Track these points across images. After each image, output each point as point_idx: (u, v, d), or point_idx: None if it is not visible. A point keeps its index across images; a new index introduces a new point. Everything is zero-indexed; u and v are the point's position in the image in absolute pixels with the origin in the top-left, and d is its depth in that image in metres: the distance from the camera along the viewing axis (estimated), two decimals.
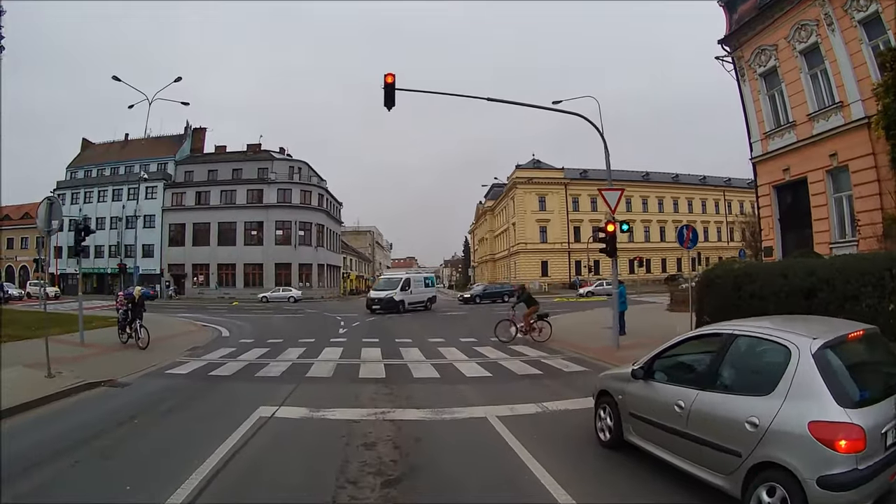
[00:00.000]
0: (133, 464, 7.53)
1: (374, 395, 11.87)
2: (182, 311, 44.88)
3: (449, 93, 21.07)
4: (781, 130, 22.88)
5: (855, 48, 19.25)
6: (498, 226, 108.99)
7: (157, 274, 71.52)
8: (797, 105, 21.91)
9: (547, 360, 16.97)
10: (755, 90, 24.17)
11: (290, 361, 17.02)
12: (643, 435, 7.17)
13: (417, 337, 23.63)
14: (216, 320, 33.95)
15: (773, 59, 22.86)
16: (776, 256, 22.76)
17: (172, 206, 74.24)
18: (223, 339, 24.54)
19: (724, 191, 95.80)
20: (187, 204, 74.14)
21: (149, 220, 73.57)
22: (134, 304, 20.16)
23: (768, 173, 23.84)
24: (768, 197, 24.03)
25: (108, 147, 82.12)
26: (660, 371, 7.17)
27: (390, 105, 19.30)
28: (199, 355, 18.81)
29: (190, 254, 73.44)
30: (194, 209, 73.80)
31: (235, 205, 73.45)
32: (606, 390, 8.21)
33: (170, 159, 77.22)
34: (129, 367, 15.41)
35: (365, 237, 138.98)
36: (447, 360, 17.15)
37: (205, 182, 75.24)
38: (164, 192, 74.29)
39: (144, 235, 71.68)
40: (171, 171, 76.49)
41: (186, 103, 43.51)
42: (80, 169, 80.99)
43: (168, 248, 73.67)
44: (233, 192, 74.17)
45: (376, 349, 19.65)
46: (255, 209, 72.82)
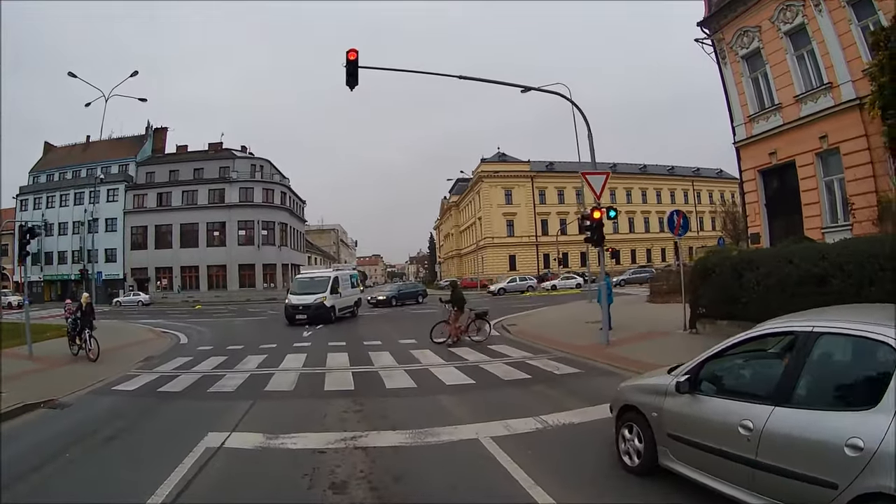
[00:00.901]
0: None
1: (342, 414, 10.15)
2: (145, 316, 43.29)
3: (417, 70, 20.10)
4: (766, 113, 22.12)
5: (844, 28, 18.57)
6: (463, 221, 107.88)
7: (121, 279, 69.59)
8: (783, 87, 21.19)
9: (533, 360, 15.49)
10: (737, 73, 23.38)
11: (248, 372, 15.31)
12: (689, 461, 5.69)
13: (388, 339, 21.88)
14: (177, 326, 32.36)
15: (757, 40, 22.06)
16: (764, 243, 21.97)
17: (134, 208, 71.98)
18: (180, 346, 23.04)
19: (693, 181, 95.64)
20: (149, 206, 71.95)
21: (111, 224, 71.52)
22: (83, 312, 18.54)
23: (753, 157, 23.03)
24: (753, 182, 23.17)
25: (70, 150, 79.62)
26: (708, 381, 5.69)
27: (353, 84, 18.04)
28: (153, 367, 17.25)
29: (152, 257, 71.33)
30: (156, 211, 71.67)
31: (197, 205, 71.44)
32: (632, 405, 6.69)
33: (130, 160, 74.91)
34: (74, 384, 13.99)
35: (329, 235, 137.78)
36: (422, 364, 15.51)
37: (166, 183, 73.03)
38: (126, 194, 72.04)
39: (107, 240, 70.38)
40: (132, 173, 74.25)
41: (144, 99, 41.92)
42: (43, 173, 78.23)
43: (130, 251, 71.51)
44: (194, 193, 72.18)
45: (343, 354, 17.99)
46: (217, 209, 70.91)
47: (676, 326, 18.50)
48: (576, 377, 13.00)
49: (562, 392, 11.35)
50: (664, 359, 12.63)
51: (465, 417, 9.54)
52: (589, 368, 13.86)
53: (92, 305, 19.10)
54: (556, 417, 9.21)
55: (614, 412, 7.16)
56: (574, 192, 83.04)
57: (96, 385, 14.14)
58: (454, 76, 19.58)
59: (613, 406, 7.25)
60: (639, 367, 12.41)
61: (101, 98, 37.87)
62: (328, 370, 15.16)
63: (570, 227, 74.85)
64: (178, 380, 14.58)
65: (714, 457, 5.26)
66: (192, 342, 24.30)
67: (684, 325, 18.19)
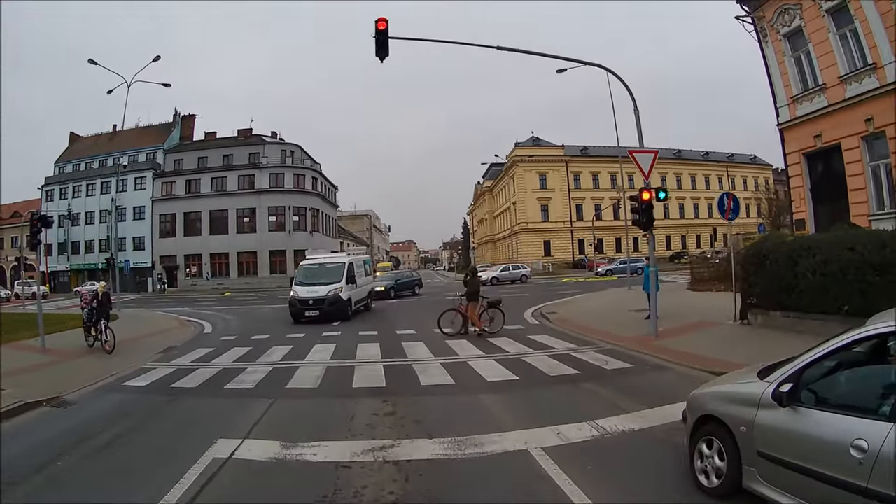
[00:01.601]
0: None
1: (372, 416, 8.99)
2: (171, 304, 42.79)
3: (450, 41, 19.43)
4: (810, 94, 20.84)
5: (885, 7, 17.39)
6: (497, 206, 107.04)
7: (149, 267, 69.24)
8: (826, 67, 19.92)
9: (578, 353, 14.25)
10: (779, 52, 22.07)
11: (270, 366, 14.27)
12: (782, 485, 4.65)
13: (423, 327, 20.64)
14: (202, 314, 31.67)
15: (798, 18, 20.78)
16: (809, 230, 20.78)
17: (162, 195, 71.32)
18: (204, 336, 22.27)
19: (728, 167, 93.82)
20: (177, 193, 71.27)
21: (138, 212, 71.10)
22: (99, 302, 17.67)
23: (797, 140, 21.73)
24: (798, 166, 21.86)
25: (96, 139, 79.34)
26: (810, 391, 4.55)
27: (383, 55, 17.20)
28: (171, 359, 16.32)
29: (181, 244, 70.73)
30: (184, 198, 70.93)
31: (227, 192, 70.58)
32: (713, 416, 5.52)
33: (158, 148, 74.31)
34: (83, 379, 13.21)
35: (362, 221, 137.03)
36: (460, 356, 14.34)
37: (195, 170, 72.39)
38: (154, 181, 71.40)
39: (135, 228, 70.17)
40: (159, 161, 73.66)
41: (168, 85, 40.44)
42: (68, 163, 77.94)
43: (159, 239, 70.87)
44: (223, 179, 71.32)
45: (374, 345, 16.87)
46: (247, 195, 70.00)
47: (726, 316, 17.30)
48: (626, 373, 11.86)
49: (614, 390, 10.22)
50: (719, 352, 12.31)
51: (510, 422, 8.39)
52: (639, 362, 12.77)
53: (108, 295, 18.40)
54: (612, 423, 8.06)
55: (689, 422, 6.05)
56: (609, 177, 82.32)
57: (107, 380, 13.39)
58: (492, 46, 18.68)
59: (688, 415, 6.14)
60: (692, 361, 11.89)
61: (123, 85, 36.64)
62: (358, 363, 14.11)
63: (605, 213, 74.94)
64: (194, 374, 13.66)
65: (813, 481, 4.30)
66: (216, 331, 23.62)
67: (734, 316, 17.01)
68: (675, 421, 7.02)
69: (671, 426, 7.15)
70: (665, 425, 7.57)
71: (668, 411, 8.12)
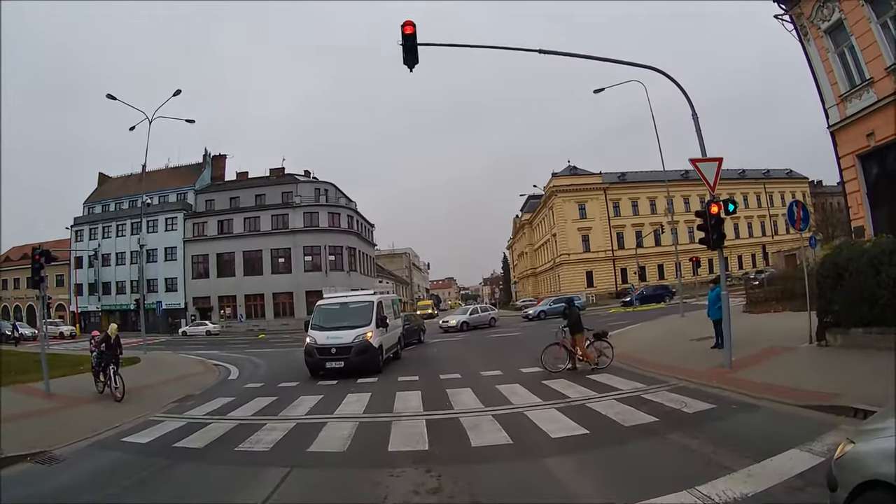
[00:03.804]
0: None
1: (411, 497, 7.04)
2: (202, 346, 41.79)
3: (486, 45, 17.76)
4: (858, 90, 19.47)
5: None
6: (538, 238, 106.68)
7: (182, 308, 68.83)
8: (872, 59, 18.60)
9: (649, 394, 12.45)
10: (822, 49, 20.77)
11: (294, 420, 12.52)
12: None
13: (468, 371, 18.91)
14: (232, 357, 30.48)
15: (837, 11, 19.53)
16: (869, 237, 18.70)
17: (194, 236, 71.05)
18: (227, 383, 20.96)
19: (765, 183, 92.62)
20: (209, 234, 70.94)
21: (170, 253, 71.00)
22: (108, 345, 16.39)
23: (850, 142, 20.27)
24: (853, 169, 20.32)
25: (126, 180, 79.32)
26: None
27: (412, 62, 16.05)
28: (185, 409, 15.04)
29: (215, 285, 70.16)
30: (217, 239, 70.58)
31: (260, 232, 69.95)
32: (881, 481, 3.86)
33: (189, 189, 74.41)
34: (81, 431, 12.16)
35: (401, 259, 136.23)
36: (514, 405, 12.41)
37: (227, 210, 72.14)
38: (185, 222, 71.31)
39: (166, 269, 70.29)
40: (190, 201, 73.66)
41: (191, 121, 39.41)
42: (98, 204, 78.53)
43: (191, 280, 70.54)
44: (256, 219, 70.79)
45: (415, 393, 14.98)
46: (282, 235, 69.25)
47: (799, 339, 15.57)
48: (712, 416, 10.06)
49: (706, 441, 8.38)
50: (806, 381, 10.96)
51: (588, 497, 6.62)
52: (721, 401, 11.05)
53: (119, 338, 16.85)
54: (718, 489, 6.30)
55: (841, 492, 4.33)
56: (648, 203, 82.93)
57: (107, 433, 12.26)
58: (533, 50, 17.30)
59: (839, 481, 4.41)
60: (780, 394, 10.57)
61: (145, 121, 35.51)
62: (396, 417, 12.18)
63: (646, 240, 74.24)
64: (206, 430, 12.03)
65: None
66: (242, 377, 22.28)
67: (809, 337, 15.24)
68: (791, 478, 6.25)
69: (789, 485, 6.06)
70: (781, 485, 6.19)
71: (779, 465, 6.80)
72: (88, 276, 72.98)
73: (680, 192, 78.43)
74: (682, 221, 73.92)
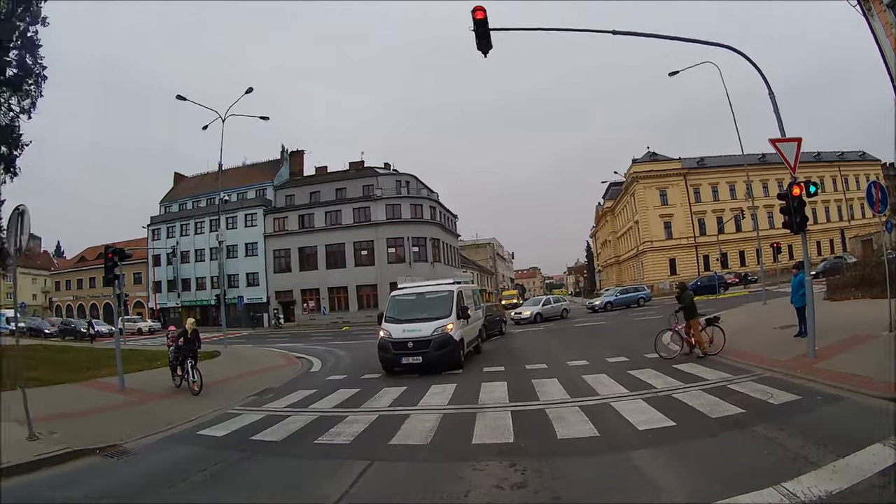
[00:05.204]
0: None
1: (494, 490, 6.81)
2: (285, 339, 42.14)
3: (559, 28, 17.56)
4: None
5: None
6: (620, 226, 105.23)
7: (264, 302, 70.01)
8: None
9: (735, 385, 12.08)
10: (886, 24, 19.44)
11: (376, 412, 12.34)
12: None
13: (553, 360, 18.50)
14: (315, 350, 30.42)
15: None
16: None
17: (275, 231, 72.07)
18: (309, 375, 20.84)
19: (840, 166, 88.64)
20: (290, 228, 71.83)
21: (251, 248, 72.28)
22: (186, 339, 16.53)
23: None
24: None
25: (202, 178, 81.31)
26: None
27: (485, 48, 15.73)
28: (264, 402, 14.98)
29: (298, 279, 70.90)
30: (298, 233, 71.36)
31: (342, 225, 70.30)
32: None
33: (268, 185, 75.60)
34: (154, 424, 12.29)
35: (485, 249, 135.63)
36: (600, 396, 12.15)
37: (307, 205, 72.83)
38: (265, 218, 72.42)
39: (247, 264, 71.36)
40: (270, 197, 74.88)
41: (266, 117, 39.35)
42: (174, 202, 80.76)
43: (273, 274, 71.53)
44: (338, 213, 71.15)
45: (501, 384, 14.61)
46: (364, 228, 69.47)
47: (880, 327, 14.87)
48: (798, 408, 9.73)
49: (792, 434, 8.10)
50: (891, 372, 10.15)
51: (675, 493, 6.38)
52: (807, 393, 10.68)
53: (197, 332, 16.94)
54: (803, 485, 6.10)
55: None
56: (728, 187, 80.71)
57: (182, 426, 12.36)
58: (606, 31, 16.81)
59: None
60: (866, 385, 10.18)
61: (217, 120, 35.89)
62: (480, 408, 11.88)
63: (726, 226, 71.98)
64: (284, 422, 11.95)
65: None
66: (324, 369, 22.18)
67: (889, 325, 14.51)
68: (875, 475, 6.04)
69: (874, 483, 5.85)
70: (866, 482, 5.97)
71: (863, 461, 6.55)
72: (167, 273, 75.13)
73: (758, 177, 76.16)
74: (762, 206, 71.43)
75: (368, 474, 7.80)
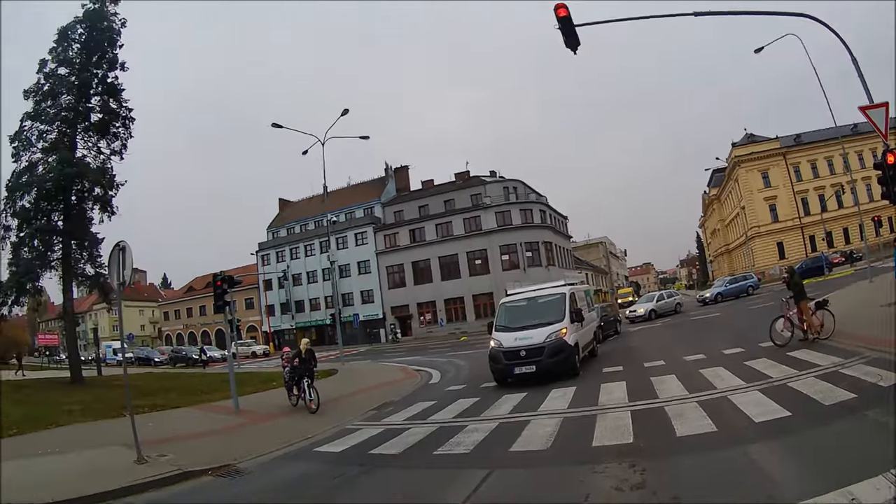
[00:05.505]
0: None
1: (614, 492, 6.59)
2: (402, 353, 42.65)
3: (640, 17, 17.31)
4: None
5: None
6: (727, 213, 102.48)
7: (380, 318, 70.91)
8: None
9: (846, 368, 11.63)
10: None
11: (496, 420, 12.11)
12: None
13: (670, 356, 18.13)
14: (434, 362, 30.50)
15: None
16: None
17: (387, 248, 73.03)
18: (428, 387, 20.85)
19: None
20: (401, 244, 72.65)
21: (363, 266, 73.40)
22: (301, 359, 16.77)
23: None
24: None
25: (308, 202, 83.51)
26: None
27: (574, 45, 15.52)
28: (383, 417, 14.99)
29: (413, 293, 71.48)
30: (410, 248, 72.11)
31: (453, 236, 70.57)
32: None
33: (375, 202, 76.76)
34: (270, 443, 12.42)
35: (597, 249, 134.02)
36: (718, 389, 11.80)
37: (417, 219, 73.46)
38: (375, 235, 73.49)
39: (361, 282, 72.46)
40: (378, 215, 75.95)
41: (366, 137, 40.02)
42: (282, 227, 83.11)
43: (388, 290, 72.44)
44: (448, 224, 71.47)
45: (619, 384, 14.27)
46: (476, 237, 69.45)
47: None
48: None
49: None
50: None
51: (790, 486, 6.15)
52: None
53: (313, 351, 17.25)
54: None
55: None
56: (826, 163, 76.94)
57: (299, 444, 12.46)
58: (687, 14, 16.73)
59: None
60: None
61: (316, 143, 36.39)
62: (600, 410, 11.55)
63: (829, 203, 68.85)
64: (404, 435, 11.90)
65: None
66: (444, 380, 22.18)
67: None
68: None
69: None
70: None
71: None
72: (280, 297, 77.31)
73: (853, 148, 71.77)
74: (860, 179, 67.78)
75: (488, 482, 7.62)
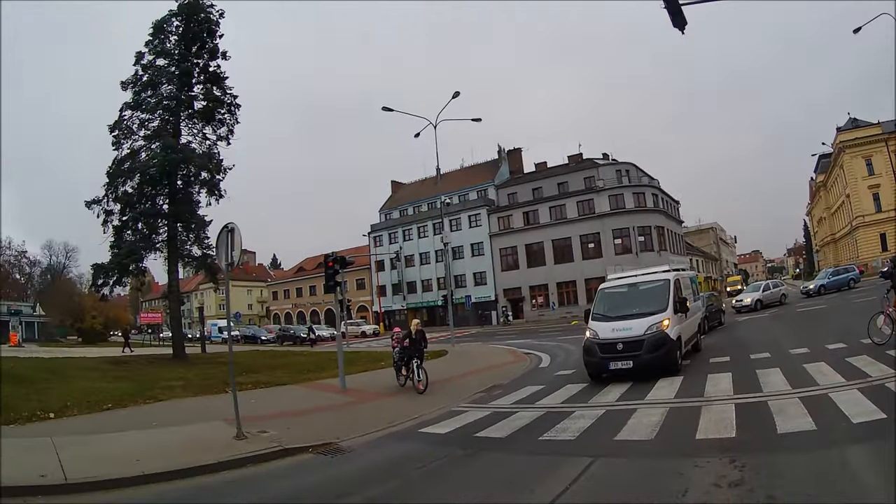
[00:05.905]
0: None
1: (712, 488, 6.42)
2: (513, 336, 42.32)
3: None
4: None
5: None
6: (833, 201, 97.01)
7: (492, 301, 70.99)
8: None
9: None
10: None
11: (604, 407, 12.06)
12: None
13: (776, 349, 17.62)
14: (544, 346, 30.32)
15: None
16: None
17: (500, 230, 72.99)
18: (537, 371, 20.80)
19: None
20: (515, 226, 72.46)
21: (476, 248, 73.59)
22: (412, 340, 17.06)
23: None
24: None
25: (420, 184, 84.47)
26: None
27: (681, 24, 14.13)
28: (491, 399, 15.07)
29: (525, 276, 71.24)
30: (524, 230, 71.82)
31: (567, 219, 70.02)
32: None
33: (489, 185, 76.88)
34: (375, 423, 12.55)
35: (707, 235, 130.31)
36: (819, 386, 11.46)
37: (531, 201, 73.15)
38: (489, 217, 73.59)
39: (474, 264, 72.73)
40: (492, 197, 76.05)
41: (478, 119, 40.60)
42: (394, 209, 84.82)
43: (501, 273, 72.41)
44: (562, 207, 70.91)
45: (725, 375, 13.99)
46: (589, 220, 68.68)
47: None
48: None
49: None
50: None
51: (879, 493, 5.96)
52: None
53: (423, 332, 17.49)
54: None
55: None
56: None
57: (404, 424, 12.53)
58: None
59: None
60: None
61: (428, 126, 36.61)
62: (706, 402, 11.38)
63: None
64: (510, 419, 11.94)
65: None
66: (553, 364, 22.03)
67: None
68: None
69: None
70: None
71: None
72: (391, 278, 79.37)
73: None
74: None
75: (591, 471, 7.60)
